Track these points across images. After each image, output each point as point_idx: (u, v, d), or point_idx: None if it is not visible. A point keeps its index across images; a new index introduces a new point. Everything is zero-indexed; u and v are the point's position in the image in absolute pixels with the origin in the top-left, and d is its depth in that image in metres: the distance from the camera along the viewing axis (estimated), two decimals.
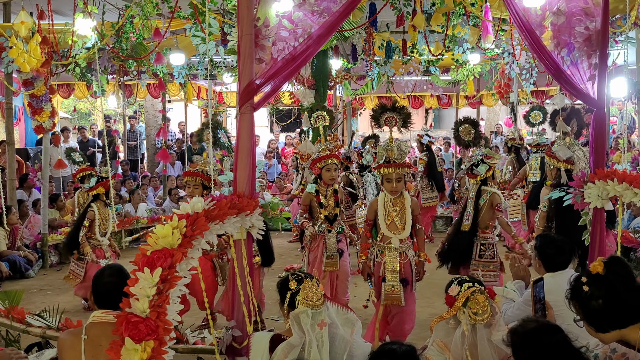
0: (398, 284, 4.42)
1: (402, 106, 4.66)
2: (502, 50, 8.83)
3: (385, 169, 4.47)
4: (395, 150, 4.44)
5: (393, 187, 4.49)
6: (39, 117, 7.50)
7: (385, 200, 4.56)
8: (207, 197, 2.94)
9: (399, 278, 4.43)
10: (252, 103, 3.46)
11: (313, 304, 2.89)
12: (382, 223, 4.53)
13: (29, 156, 11.70)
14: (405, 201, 4.55)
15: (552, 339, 2.27)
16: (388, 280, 4.45)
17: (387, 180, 4.50)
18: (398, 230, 4.51)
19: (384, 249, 4.52)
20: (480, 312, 2.73)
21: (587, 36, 3.92)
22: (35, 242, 7.96)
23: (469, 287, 2.82)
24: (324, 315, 2.91)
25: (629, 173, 3.71)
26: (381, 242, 4.56)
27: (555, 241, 3.51)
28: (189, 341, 3.99)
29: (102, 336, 2.60)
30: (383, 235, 4.54)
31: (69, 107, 18.57)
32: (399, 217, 4.51)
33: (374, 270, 4.59)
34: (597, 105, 4.04)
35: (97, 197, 6.20)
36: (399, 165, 4.45)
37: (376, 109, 4.76)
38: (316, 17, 3.84)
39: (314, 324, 2.87)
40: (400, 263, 4.48)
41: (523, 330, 2.34)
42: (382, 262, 4.50)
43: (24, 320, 4.44)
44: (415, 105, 15.71)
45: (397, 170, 4.45)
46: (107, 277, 2.79)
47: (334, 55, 8.64)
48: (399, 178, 4.48)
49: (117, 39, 7.51)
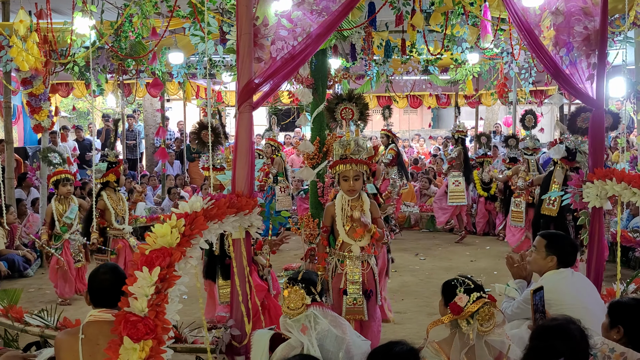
0: (360, 297, 4.00)
1: (359, 96, 4.21)
2: (501, 50, 8.84)
3: (342, 166, 4.06)
4: (353, 145, 4.06)
5: (350, 185, 4.05)
6: (38, 116, 7.50)
7: (342, 203, 4.12)
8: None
9: (362, 290, 4.02)
10: (251, 102, 3.46)
11: (290, 312, 2.98)
12: (341, 229, 4.09)
13: (28, 155, 11.69)
14: (364, 204, 4.12)
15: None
16: (350, 293, 4.00)
17: (344, 178, 4.07)
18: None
19: (345, 258, 4.08)
20: (486, 324, 2.73)
21: (586, 36, 3.92)
22: (33, 241, 7.94)
23: (477, 297, 2.74)
24: (304, 321, 2.97)
25: (627, 172, 3.72)
26: (340, 250, 4.11)
27: (570, 239, 3.59)
28: (188, 340, 3.99)
29: (100, 335, 2.61)
30: (342, 242, 4.10)
31: (67, 106, 18.56)
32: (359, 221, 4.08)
33: (332, 283, 4.11)
34: (596, 104, 4.05)
35: (107, 185, 5.98)
36: (356, 161, 4.04)
37: (331, 99, 4.30)
38: (315, 16, 3.84)
39: (297, 328, 2.94)
40: (363, 273, 4.05)
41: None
42: (342, 274, 4.06)
43: (23, 320, 4.43)
44: (415, 104, 15.72)
45: (354, 167, 4.04)
46: (102, 275, 2.80)
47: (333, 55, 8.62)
48: (357, 176, 4.05)
49: (116, 37, 7.50)
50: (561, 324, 2.43)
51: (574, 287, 3.36)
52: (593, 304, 3.35)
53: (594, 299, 3.47)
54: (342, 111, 4.15)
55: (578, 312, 2.93)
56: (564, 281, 3.36)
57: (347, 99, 4.15)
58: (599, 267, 4.13)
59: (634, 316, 2.67)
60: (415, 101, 15.49)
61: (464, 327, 2.74)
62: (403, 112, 21.82)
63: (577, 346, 2.34)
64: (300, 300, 2.99)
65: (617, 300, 2.86)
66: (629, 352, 2.54)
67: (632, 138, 9.87)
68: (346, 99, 4.15)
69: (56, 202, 6.31)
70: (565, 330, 2.40)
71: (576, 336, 2.37)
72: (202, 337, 3.90)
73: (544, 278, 3.47)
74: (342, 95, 4.21)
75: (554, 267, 3.46)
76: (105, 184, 6.03)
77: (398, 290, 6.49)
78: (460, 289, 2.79)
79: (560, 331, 2.39)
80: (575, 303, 3.20)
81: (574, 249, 3.58)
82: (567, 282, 3.37)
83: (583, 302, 3.27)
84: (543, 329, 2.46)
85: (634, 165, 7.61)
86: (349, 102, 4.14)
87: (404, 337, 2.65)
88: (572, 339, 2.36)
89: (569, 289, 3.32)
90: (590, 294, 3.47)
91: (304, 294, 3.01)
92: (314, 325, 2.96)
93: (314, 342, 2.91)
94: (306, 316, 3.00)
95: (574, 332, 2.38)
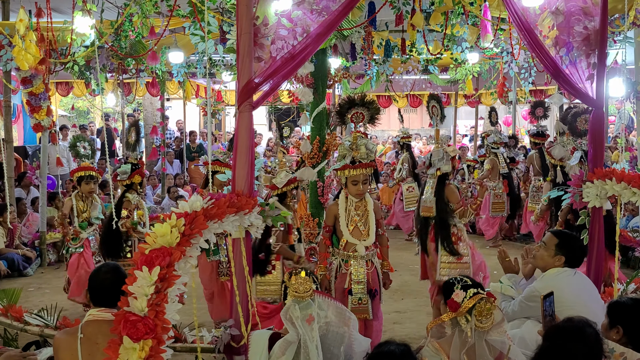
0: (365, 296, 4.03)
1: (372, 100, 4.22)
2: (501, 50, 8.84)
3: (353, 171, 4.05)
4: (363, 149, 4.04)
5: (360, 189, 4.07)
6: (38, 115, 7.49)
7: (346, 204, 4.15)
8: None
9: (367, 289, 4.04)
10: (251, 101, 3.46)
11: (299, 295, 2.90)
12: (345, 229, 4.10)
13: (28, 154, 11.69)
14: (367, 204, 4.16)
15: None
16: (355, 293, 4.03)
17: (353, 182, 4.08)
18: (363, 236, 4.11)
19: (349, 258, 4.10)
20: (484, 320, 2.73)
21: (586, 36, 3.92)
22: (33, 240, 7.95)
23: (474, 293, 2.76)
24: (312, 310, 2.91)
25: (627, 172, 3.72)
26: (344, 250, 4.13)
27: (581, 242, 3.60)
28: (188, 340, 4.00)
29: (99, 334, 2.61)
30: (346, 242, 4.12)
31: (67, 105, 18.55)
32: (363, 221, 4.12)
33: (336, 283, 4.13)
34: (596, 104, 4.04)
35: (131, 187, 5.74)
36: (366, 165, 4.05)
37: (342, 103, 4.29)
38: (315, 15, 3.84)
39: (303, 318, 2.88)
40: (367, 273, 4.08)
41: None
42: (347, 273, 4.07)
43: (22, 319, 4.44)
44: (414, 104, 15.72)
45: (364, 172, 4.06)
46: (103, 275, 2.79)
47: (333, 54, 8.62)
48: (365, 180, 4.09)
49: (116, 37, 7.50)
50: (577, 326, 2.39)
51: (576, 286, 3.36)
52: (593, 303, 3.35)
53: (595, 298, 3.48)
54: (353, 115, 4.17)
55: (579, 311, 2.93)
56: (566, 280, 3.36)
57: (359, 103, 4.15)
58: (598, 267, 4.14)
59: (633, 316, 2.67)
60: (415, 101, 15.48)
61: (463, 325, 2.75)
62: (403, 111, 21.80)
63: (590, 350, 2.31)
64: (309, 284, 2.93)
65: (616, 301, 2.86)
66: (629, 352, 2.54)
67: (631, 138, 9.87)
68: (359, 103, 4.16)
69: (77, 198, 5.89)
70: (581, 332, 2.36)
71: (591, 340, 2.34)
72: (201, 337, 3.91)
73: (546, 275, 3.47)
74: (354, 99, 4.19)
75: (560, 266, 3.45)
76: (129, 186, 5.74)
77: (398, 290, 6.49)
78: (458, 286, 2.81)
79: (576, 333, 2.35)
80: (576, 302, 3.20)
81: (583, 253, 3.58)
82: (569, 281, 3.37)
83: (584, 301, 3.27)
84: (558, 329, 2.42)
85: (633, 165, 7.61)
86: (361, 107, 4.15)
87: (403, 337, 2.66)
88: (587, 342, 2.32)
89: (571, 288, 3.32)
90: (590, 293, 3.47)
91: (310, 280, 2.97)
92: (320, 315, 2.92)
93: (315, 335, 2.87)
94: (316, 306, 2.95)
95: (590, 336, 2.35)
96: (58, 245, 8.07)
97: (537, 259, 3.58)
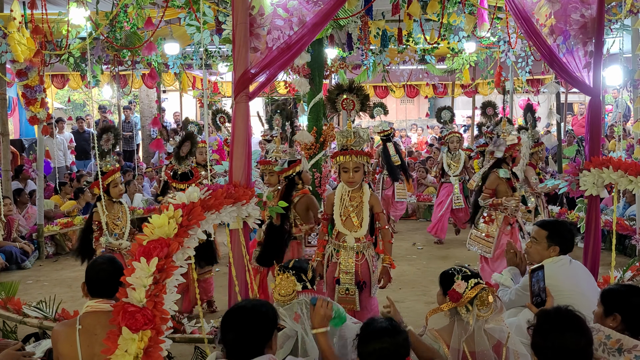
0: (353, 287, 4.01)
1: (360, 86, 4.19)
2: (497, 39, 8.82)
3: (342, 157, 4.04)
4: (353, 136, 4.02)
5: (350, 177, 4.04)
6: (33, 108, 7.46)
7: (342, 193, 4.15)
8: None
9: (354, 280, 4.02)
10: (247, 92, 3.45)
11: (281, 299, 3.01)
12: (337, 219, 4.12)
13: (24, 147, 11.66)
14: (363, 196, 4.12)
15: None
16: (342, 283, 4.02)
17: (344, 169, 4.06)
18: (354, 227, 4.09)
19: (340, 248, 4.11)
20: (484, 309, 2.74)
21: (583, 24, 3.92)
22: (31, 233, 7.94)
23: (475, 283, 2.77)
24: (297, 308, 2.99)
25: (624, 161, 3.73)
26: (336, 239, 4.15)
27: (568, 226, 3.58)
28: (186, 330, 4.01)
29: (97, 325, 2.62)
30: (338, 232, 4.13)
31: (63, 97, 18.48)
32: (356, 213, 4.10)
33: (327, 272, 4.16)
34: (593, 92, 4.05)
35: (101, 197, 4.81)
36: (356, 153, 4.02)
37: (332, 89, 4.25)
38: (311, 5, 3.83)
39: (290, 317, 2.96)
40: (357, 264, 4.05)
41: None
42: (337, 263, 4.09)
43: (21, 311, 4.45)
44: (411, 94, 15.70)
45: (354, 159, 4.02)
46: (100, 266, 2.82)
47: (330, 44, 8.59)
48: (357, 168, 4.04)
49: (111, 28, 7.46)
50: (567, 316, 2.36)
51: (572, 275, 3.38)
52: (590, 291, 3.37)
53: (591, 286, 3.49)
54: (343, 102, 4.14)
55: (576, 299, 2.95)
56: (563, 268, 3.38)
57: (347, 89, 4.13)
58: (595, 255, 4.16)
59: (631, 302, 2.68)
60: (412, 91, 15.46)
61: (464, 314, 2.76)
62: (400, 101, 21.79)
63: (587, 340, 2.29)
64: (291, 286, 3.02)
65: (610, 288, 2.86)
66: (625, 338, 2.55)
67: (628, 126, 9.88)
68: (347, 89, 4.13)
69: (103, 207, 4.92)
70: (577, 322, 2.33)
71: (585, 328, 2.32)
72: (200, 328, 3.92)
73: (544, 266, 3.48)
74: (342, 86, 4.18)
75: (556, 255, 3.46)
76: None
77: (395, 280, 6.44)
78: (458, 277, 2.81)
79: (569, 323, 2.34)
80: (573, 290, 3.22)
81: (573, 234, 3.57)
82: (566, 269, 3.38)
83: (581, 289, 3.29)
84: (549, 318, 2.39)
85: (630, 154, 7.63)
86: (349, 93, 4.12)
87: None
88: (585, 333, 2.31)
89: (567, 276, 3.33)
90: (587, 281, 3.49)
91: (294, 281, 3.04)
92: (306, 313, 2.97)
93: (308, 330, 2.93)
94: (298, 303, 3.02)
95: (583, 324, 2.32)
96: (56, 238, 8.10)
97: (532, 255, 3.56)
